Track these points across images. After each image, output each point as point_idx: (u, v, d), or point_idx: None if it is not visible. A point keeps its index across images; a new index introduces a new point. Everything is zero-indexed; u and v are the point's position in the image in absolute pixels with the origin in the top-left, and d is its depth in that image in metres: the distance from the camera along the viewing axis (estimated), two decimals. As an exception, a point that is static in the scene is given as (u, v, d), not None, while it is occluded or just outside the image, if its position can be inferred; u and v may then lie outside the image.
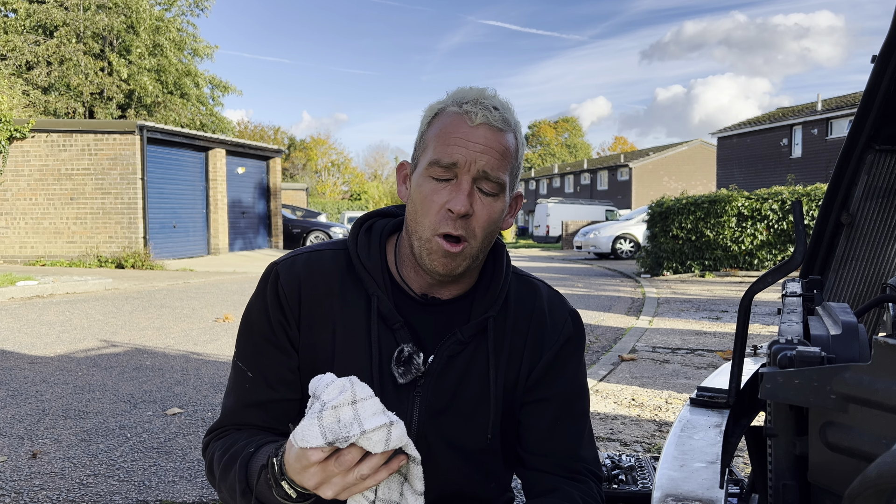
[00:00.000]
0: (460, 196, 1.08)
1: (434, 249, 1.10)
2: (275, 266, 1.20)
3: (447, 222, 1.09)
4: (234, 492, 1.09)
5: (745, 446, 2.13)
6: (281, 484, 0.98)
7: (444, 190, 1.09)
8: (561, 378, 1.23)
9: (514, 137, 1.13)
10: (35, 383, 4.72)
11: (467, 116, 1.09)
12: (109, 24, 23.63)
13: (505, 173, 1.10)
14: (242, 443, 1.13)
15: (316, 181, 59.38)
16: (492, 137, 1.09)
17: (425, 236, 1.11)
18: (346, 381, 0.93)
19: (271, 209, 20.11)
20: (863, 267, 1.83)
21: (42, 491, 2.92)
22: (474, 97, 1.11)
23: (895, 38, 1.47)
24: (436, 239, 1.09)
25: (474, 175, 1.08)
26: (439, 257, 1.10)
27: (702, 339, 6.50)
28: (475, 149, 1.08)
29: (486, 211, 1.10)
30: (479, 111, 1.09)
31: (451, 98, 1.14)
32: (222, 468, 1.12)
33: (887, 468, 0.53)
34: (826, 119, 28.90)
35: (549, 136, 77.61)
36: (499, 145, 1.09)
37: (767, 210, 12.95)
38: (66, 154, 14.84)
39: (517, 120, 1.15)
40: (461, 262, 1.11)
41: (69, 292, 9.97)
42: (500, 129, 1.10)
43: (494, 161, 1.09)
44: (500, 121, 1.10)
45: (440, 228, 1.09)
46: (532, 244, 34.52)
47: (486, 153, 1.08)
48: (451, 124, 1.10)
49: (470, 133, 1.08)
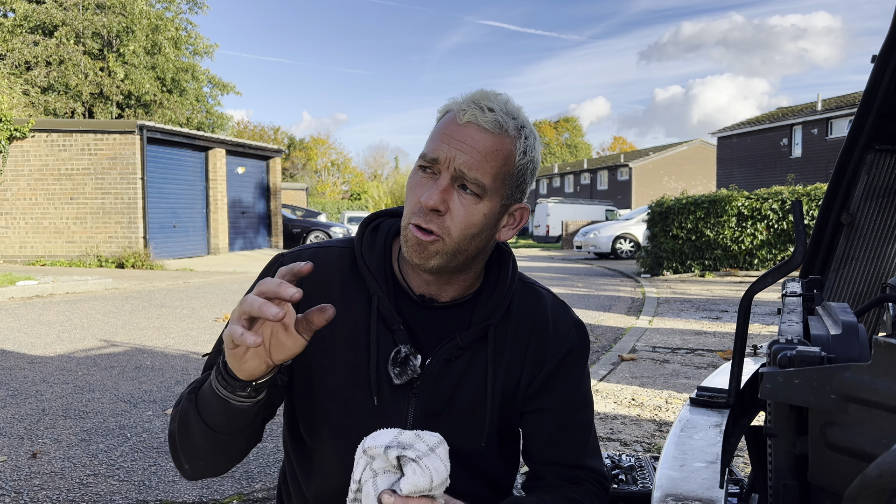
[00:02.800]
0: (432, 191, 1.07)
1: (409, 237, 1.10)
2: (281, 256, 1.20)
3: (419, 214, 1.09)
4: (186, 419, 1.06)
5: (745, 446, 2.13)
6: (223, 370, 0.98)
7: (426, 183, 1.09)
8: (562, 388, 1.22)
9: (512, 143, 1.09)
10: (35, 383, 4.72)
11: (457, 115, 1.09)
12: (108, 23, 23.62)
13: (486, 176, 1.07)
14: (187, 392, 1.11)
15: (316, 181, 59.37)
16: (477, 138, 1.07)
17: (404, 223, 1.12)
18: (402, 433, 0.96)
19: (271, 209, 20.11)
20: (863, 267, 1.83)
21: (42, 491, 2.92)
22: (476, 98, 1.10)
23: (895, 38, 1.47)
24: (410, 226, 1.10)
25: (452, 173, 1.07)
26: (413, 244, 1.10)
27: (702, 338, 6.50)
28: (457, 146, 1.07)
29: (463, 211, 1.08)
30: (469, 110, 1.08)
31: (458, 99, 1.13)
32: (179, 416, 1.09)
33: (887, 468, 0.53)
34: (826, 119, 28.90)
35: (549, 136, 77.59)
36: (482, 146, 1.07)
37: (767, 210, 12.95)
38: (65, 154, 14.84)
39: (523, 127, 1.10)
40: (432, 254, 1.10)
41: (69, 292, 9.97)
42: (487, 131, 1.07)
43: (474, 161, 1.06)
44: (490, 122, 1.07)
45: (412, 219, 1.09)
46: (532, 244, 34.52)
47: (466, 153, 1.06)
48: (445, 121, 1.10)
49: (455, 130, 1.08)
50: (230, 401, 1.00)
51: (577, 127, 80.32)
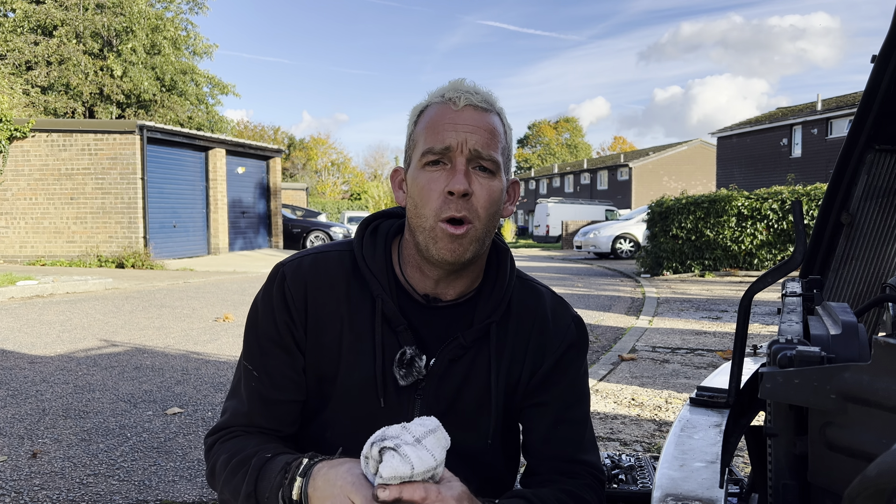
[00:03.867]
0: (458, 176, 1.09)
1: (440, 236, 1.10)
2: (281, 267, 1.20)
3: (449, 205, 1.09)
4: (237, 493, 1.08)
5: (745, 446, 2.13)
6: (296, 478, 1.00)
7: (441, 176, 1.10)
8: (562, 383, 1.23)
9: (500, 119, 1.15)
10: (35, 383, 4.72)
11: (451, 103, 1.12)
12: (108, 23, 23.62)
13: (496, 152, 1.12)
14: (254, 448, 1.12)
15: (316, 181, 59.39)
16: (478, 117, 1.11)
17: (429, 225, 1.10)
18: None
19: (271, 209, 20.11)
20: (863, 267, 1.83)
21: (42, 490, 2.92)
22: (453, 86, 1.14)
23: (895, 38, 1.47)
24: (440, 225, 1.09)
25: (468, 156, 1.10)
26: (446, 243, 1.10)
27: (702, 338, 6.50)
28: (465, 129, 1.10)
29: (485, 190, 1.11)
30: (461, 95, 1.12)
31: (431, 95, 1.17)
32: (230, 470, 1.11)
33: (887, 468, 0.53)
34: (826, 119, 28.89)
35: (549, 136, 77.58)
36: (486, 124, 1.12)
37: (767, 210, 12.95)
38: (66, 154, 14.84)
39: (500, 105, 1.17)
40: (468, 245, 1.11)
41: (69, 292, 9.97)
42: (485, 110, 1.12)
43: (484, 139, 1.10)
44: (483, 101, 1.13)
45: (443, 213, 1.09)
46: (532, 244, 34.51)
47: (475, 132, 1.10)
48: (437, 114, 1.12)
49: (456, 116, 1.11)
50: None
51: (577, 127, 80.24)
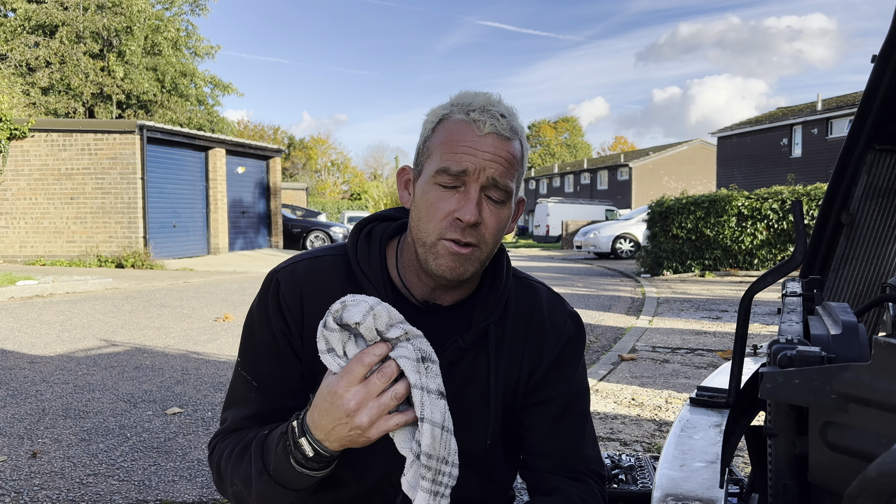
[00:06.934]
0: (469, 205, 1.07)
1: (441, 253, 1.09)
2: (275, 274, 1.19)
3: (455, 229, 1.08)
4: (248, 478, 1.08)
5: (745, 446, 2.13)
6: (300, 441, 1.01)
7: (452, 198, 1.09)
8: (561, 380, 1.23)
9: (521, 144, 1.13)
10: (35, 383, 4.72)
11: (475, 125, 1.09)
12: (108, 23, 23.62)
13: (512, 181, 1.11)
14: (255, 432, 1.14)
15: (316, 181, 59.40)
16: (500, 146, 1.09)
17: (430, 241, 1.10)
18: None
19: (271, 209, 20.11)
20: (863, 267, 1.83)
21: (42, 490, 2.92)
22: (481, 104, 1.10)
23: (895, 38, 1.47)
24: (442, 242, 1.09)
25: (483, 183, 1.08)
26: (447, 261, 1.09)
27: (702, 338, 6.50)
28: (484, 157, 1.08)
29: (494, 218, 1.11)
30: (487, 120, 1.09)
31: (456, 104, 1.13)
32: (234, 459, 1.12)
33: (887, 468, 0.53)
34: (826, 119, 28.89)
35: (549, 135, 77.58)
36: (507, 153, 1.09)
37: (767, 210, 12.95)
38: (66, 154, 14.83)
39: (522, 126, 1.15)
40: (469, 266, 1.11)
41: (69, 292, 9.97)
42: (507, 138, 1.10)
43: (503, 169, 1.09)
44: (507, 129, 1.10)
45: (446, 234, 1.09)
46: (532, 244, 34.51)
47: (495, 161, 1.08)
48: (458, 132, 1.09)
49: (478, 142, 1.08)
50: (311, 474, 1.06)
51: (577, 127, 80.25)
